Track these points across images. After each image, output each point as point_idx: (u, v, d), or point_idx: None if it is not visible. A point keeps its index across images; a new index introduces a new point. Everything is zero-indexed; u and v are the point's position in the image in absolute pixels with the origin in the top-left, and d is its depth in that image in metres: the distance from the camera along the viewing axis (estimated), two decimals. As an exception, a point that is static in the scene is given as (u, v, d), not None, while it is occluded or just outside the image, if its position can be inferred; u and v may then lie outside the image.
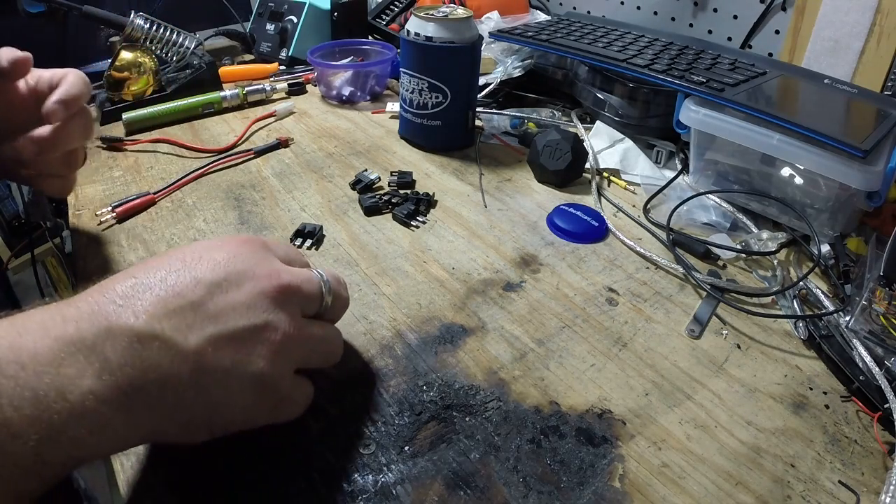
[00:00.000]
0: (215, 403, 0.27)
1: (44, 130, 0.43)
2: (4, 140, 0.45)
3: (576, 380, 0.39)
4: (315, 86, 0.87)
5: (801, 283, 0.47)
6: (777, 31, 0.78)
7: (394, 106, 0.77)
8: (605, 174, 0.65)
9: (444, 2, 0.96)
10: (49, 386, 0.23)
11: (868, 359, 0.39)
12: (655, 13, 0.92)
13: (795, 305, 0.46)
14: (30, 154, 0.44)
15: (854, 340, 0.41)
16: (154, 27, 0.73)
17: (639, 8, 0.94)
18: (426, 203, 0.57)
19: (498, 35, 0.76)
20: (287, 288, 0.30)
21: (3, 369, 0.22)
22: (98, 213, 0.54)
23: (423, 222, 0.55)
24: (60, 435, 0.23)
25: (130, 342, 0.25)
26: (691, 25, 0.88)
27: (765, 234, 0.53)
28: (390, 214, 0.56)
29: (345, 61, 0.85)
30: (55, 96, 0.42)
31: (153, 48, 0.74)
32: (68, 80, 0.44)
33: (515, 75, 0.77)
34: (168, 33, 0.74)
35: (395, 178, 0.61)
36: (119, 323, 0.25)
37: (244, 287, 0.28)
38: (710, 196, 0.59)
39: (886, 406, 0.36)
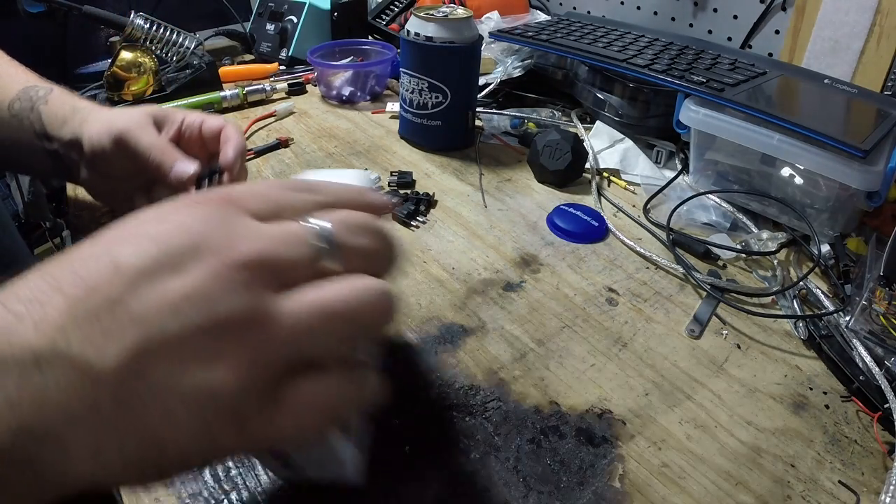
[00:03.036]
0: (157, 438, 0.19)
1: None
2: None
3: (576, 380, 0.39)
4: (315, 86, 0.87)
5: (801, 283, 0.47)
6: (777, 31, 0.78)
7: (394, 106, 0.77)
8: (605, 174, 0.65)
9: (444, 2, 0.96)
10: None
11: (868, 359, 0.39)
12: (655, 13, 0.92)
13: (795, 305, 0.46)
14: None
15: (854, 340, 0.41)
16: (154, 27, 0.73)
17: (639, 8, 0.94)
18: (426, 203, 0.57)
19: (498, 35, 0.76)
20: (252, 261, 0.20)
21: None
22: (98, 213, 0.54)
23: (423, 222, 0.55)
24: None
25: (26, 368, 0.18)
26: (691, 25, 0.88)
27: (765, 234, 0.53)
28: (390, 214, 0.56)
29: (345, 61, 0.85)
30: (232, 152, 0.45)
31: (153, 48, 0.74)
32: (235, 137, 0.46)
33: (515, 75, 0.77)
34: (168, 33, 0.74)
35: (395, 178, 0.61)
36: (15, 342, 0.18)
37: (187, 270, 0.20)
38: (710, 196, 0.59)
39: (886, 406, 0.36)
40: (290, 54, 0.92)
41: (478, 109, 0.71)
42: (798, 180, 0.54)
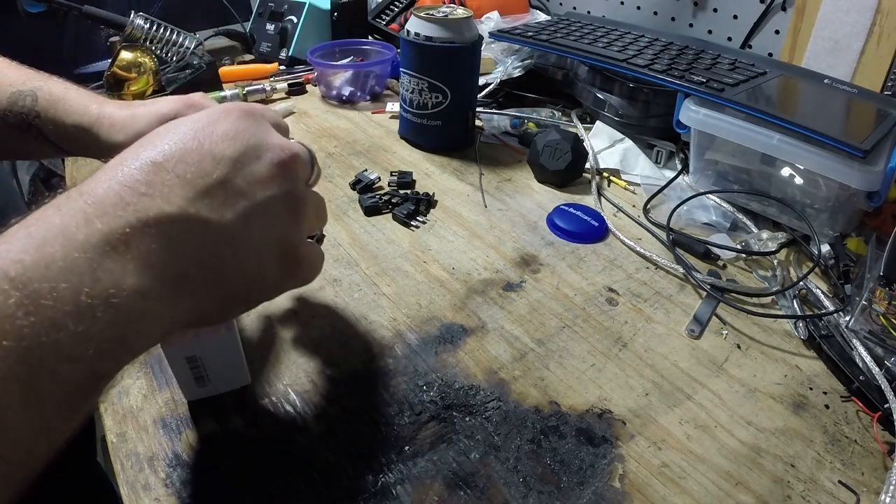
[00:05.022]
0: (251, 276, 0.27)
1: None
2: None
3: (576, 380, 0.39)
4: (315, 86, 0.87)
5: (801, 283, 0.47)
6: (777, 31, 0.78)
7: (394, 106, 0.77)
8: (605, 174, 0.65)
9: (444, 2, 0.96)
10: (90, 296, 0.21)
11: (868, 359, 0.39)
12: (655, 13, 0.92)
13: (795, 305, 0.46)
14: None
15: (854, 340, 0.41)
16: (154, 27, 0.73)
17: (639, 8, 0.94)
18: (426, 203, 0.57)
19: (498, 35, 0.76)
20: (296, 157, 0.30)
21: (37, 292, 0.20)
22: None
23: (423, 222, 0.55)
24: (113, 345, 0.22)
25: (167, 231, 0.24)
26: (691, 25, 0.88)
27: (765, 234, 0.53)
28: (390, 214, 0.56)
29: (345, 61, 0.85)
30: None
31: (153, 48, 0.74)
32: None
33: (515, 75, 0.77)
34: (168, 33, 0.74)
35: (395, 178, 0.61)
36: (152, 214, 0.23)
37: (263, 160, 0.28)
38: (710, 196, 0.59)
39: (886, 406, 0.36)
40: (290, 54, 0.92)
41: (478, 109, 0.71)
42: (798, 180, 0.54)
